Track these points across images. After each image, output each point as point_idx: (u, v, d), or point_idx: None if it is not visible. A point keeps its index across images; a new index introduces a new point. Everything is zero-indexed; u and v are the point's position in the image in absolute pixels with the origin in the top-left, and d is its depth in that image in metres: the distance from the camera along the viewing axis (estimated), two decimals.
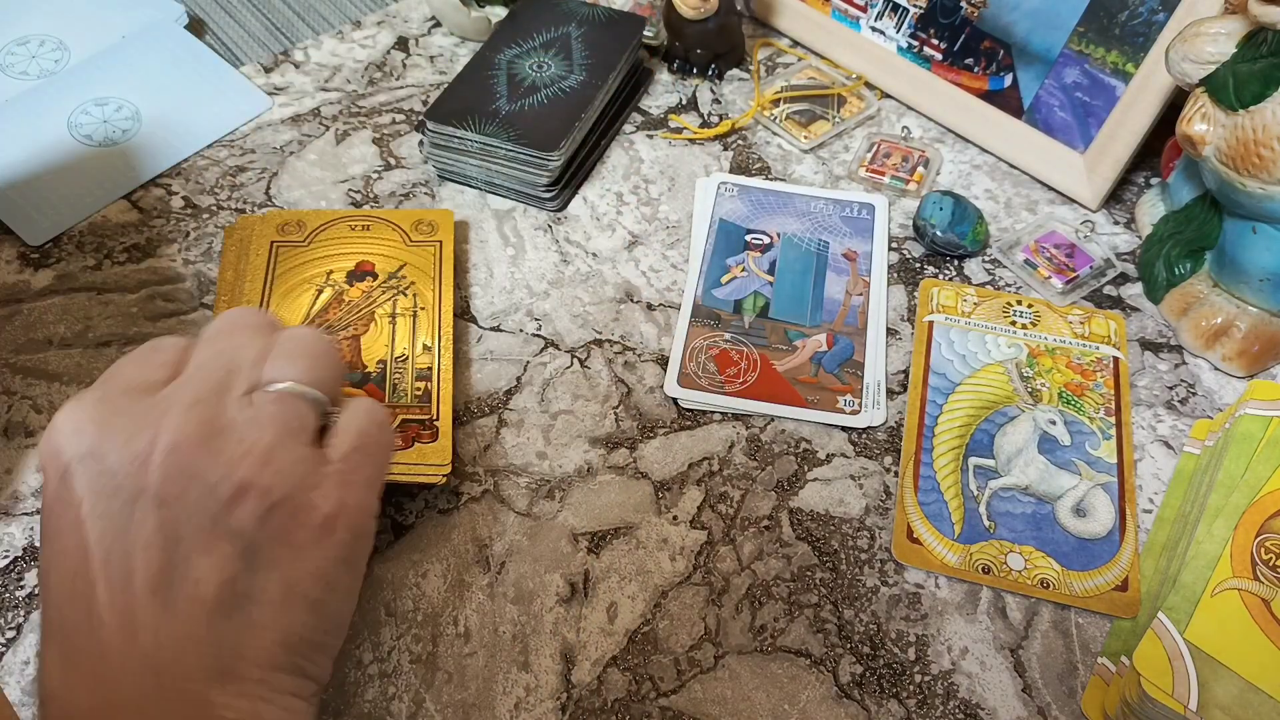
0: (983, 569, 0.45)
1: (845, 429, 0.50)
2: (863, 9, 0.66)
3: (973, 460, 0.48)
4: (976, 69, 0.62)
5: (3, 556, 0.46)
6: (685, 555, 0.46)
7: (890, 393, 0.52)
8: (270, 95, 0.67)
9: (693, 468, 0.49)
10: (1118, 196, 0.60)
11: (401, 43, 0.71)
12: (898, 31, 0.65)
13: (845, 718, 0.41)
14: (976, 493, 0.47)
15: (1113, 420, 0.50)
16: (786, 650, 0.43)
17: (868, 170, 0.62)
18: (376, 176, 0.62)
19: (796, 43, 0.70)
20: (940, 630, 0.44)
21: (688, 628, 0.44)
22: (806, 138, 0.64)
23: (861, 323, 0.54)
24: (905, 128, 0.65)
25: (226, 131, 0.65)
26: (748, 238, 0.58)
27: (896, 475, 0.49)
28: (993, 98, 0.62)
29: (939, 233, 0.56)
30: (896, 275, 0.57)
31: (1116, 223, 0.60)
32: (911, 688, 0.42)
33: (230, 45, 0.72)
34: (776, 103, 0.66)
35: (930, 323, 0.54)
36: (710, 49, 0.66)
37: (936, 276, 0.57)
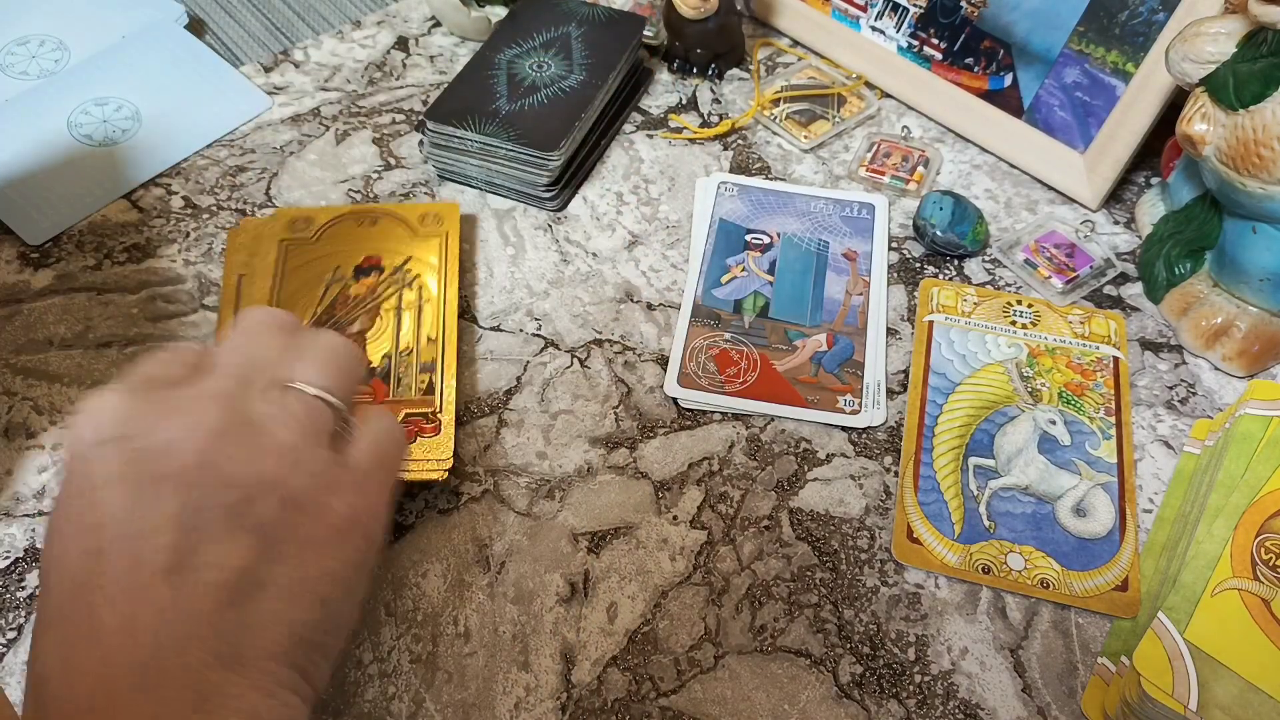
0: (983, 569, 0.45)
1: (845, 429, 0.50)
2: (863, 9, 0.66)
3: (973, 460, 0.48)
4: (976, 69, 0.62)
5: (4, 557, 0.46)
6: (685, 555, 0.46)
7: (890, 393, 0.52)
8: (270, 95, 0.67)
9: (693, 468, 0.49)
10: (1118, 196, 0.60)
11: (401, 42, 0.71)
12: (898, 31, 0.65)
13: (845, 718, 0.41)
14: (976, 493, 0.47)
15: (1113, 420, 0.50)
16: (786, 650, 0.43)
17: (868, 170, 0.62)
18: (376, 176, 0.62)
19: (796, 42, 0.70)
20: (940, 630, 0.44)
21: (688, 628, 0.44)
22: (806, 137, 0.64)
23: (861, 322, 0.54)
24: (905, 127, 0.65)
25: (226, 131, 0.65)
26: (748, 237, 0.58)
27: (896, 475, 0.49)
28: (993, 97, 0.62)
29: (939, 233, 0.56)
30: (896, 275, 0.57)
31: (1116, 223, 0.60)
32: (911, 688, 0.42)
33: (230, 45, 0.72)
34: (776, 102, 0.66)
35: (930, 322, 0.54)
36: (710, 49, 0.66)
37: (936, 276, 0.57)
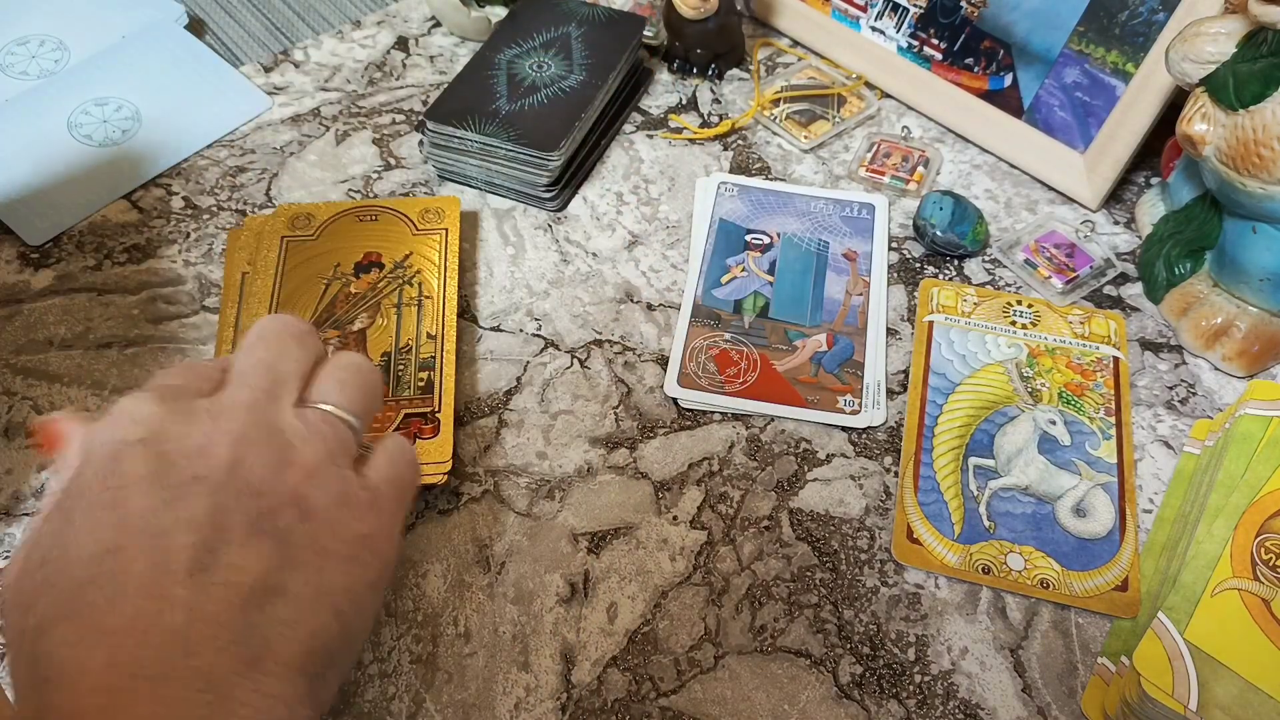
0: (983, 569, 0.45)
1: (845, 429, 0.50)
2: (863, 9, 0.66)
3: (973, 460, 0.48)
4: (976, 69, 0.62)
5: (3, 557, 0.46)
6: (685, 555, 0.46)
7: (890, 393, 0.52)
8: (270, 95, 0.67)
9: (693, 468, 0.49)
10: (1118, 196, 0.60)
11: (401, 43, 0.71)
12: (898, 31, 0.65)
13: (845, 718, 0.41)
14: (976, 493, 0.47)
15: (1113, 420, 0.50)
16: (786, 650, 0.43)
17: (868, 170, 0.62)
18: (376, 176, 0.62)
19: (796, 43, 0.70)
20: (940, 630, 0.44)
21: (688, 628, 0.44)
22: (806, 138, 0.64)
23: (861, 323, 0.54)
24: (905, 127, 0.65)
25: (226, 131, 0.65)
26: (748, 238, 0.58)
27: (896, 475, 0.49)
28: (993, 97, 0.62)
29: (939, 233, 0.56)
30: (896, 275, 0.57)
31: (1116, 223, 0.60)
32: (911, 688, 0.42)
33: (230, 45, 0.72)
34: (776, 103, 0.66)
35: (930, 323, 0.54)
36: (710, 49, 0.66)
37: (936, 276, 0.57)
